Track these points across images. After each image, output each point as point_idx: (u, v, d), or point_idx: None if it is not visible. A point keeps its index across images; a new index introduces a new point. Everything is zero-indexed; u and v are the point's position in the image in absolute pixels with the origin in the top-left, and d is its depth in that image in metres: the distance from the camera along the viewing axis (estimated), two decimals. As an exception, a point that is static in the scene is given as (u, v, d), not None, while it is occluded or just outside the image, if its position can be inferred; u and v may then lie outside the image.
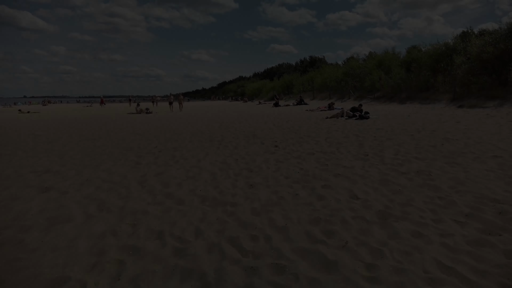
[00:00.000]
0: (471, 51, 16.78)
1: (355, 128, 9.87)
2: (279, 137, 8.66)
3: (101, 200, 3.71)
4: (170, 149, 7.35)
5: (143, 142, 8.49)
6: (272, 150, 6.74)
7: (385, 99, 21.59)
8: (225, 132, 10.12)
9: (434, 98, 17.42)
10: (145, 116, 19.98)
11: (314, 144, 7.32)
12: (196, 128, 11.60)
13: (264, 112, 20.27)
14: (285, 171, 4.81)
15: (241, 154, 6.35)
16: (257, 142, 7.93)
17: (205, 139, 8.70)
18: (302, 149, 6.73)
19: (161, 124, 13.73)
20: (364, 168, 4.88)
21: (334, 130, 9.53)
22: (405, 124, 10.17)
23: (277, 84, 48.78)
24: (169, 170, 5.14)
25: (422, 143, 6.84)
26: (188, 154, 6.56)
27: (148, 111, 23.57)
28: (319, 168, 4.99)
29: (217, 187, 4.11)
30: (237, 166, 5.33)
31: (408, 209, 3.19)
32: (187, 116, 18.50)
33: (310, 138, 8.13)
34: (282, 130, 10.08)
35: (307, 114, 16.62)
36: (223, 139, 8.58)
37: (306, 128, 10.46)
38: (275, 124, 12.01)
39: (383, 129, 9.33)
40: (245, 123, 12.90)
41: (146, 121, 15.72)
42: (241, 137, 8.98)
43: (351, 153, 6.07)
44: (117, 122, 15.82)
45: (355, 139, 7.77)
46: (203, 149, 7.12)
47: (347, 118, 12.82)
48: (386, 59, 25.81)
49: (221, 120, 14.78)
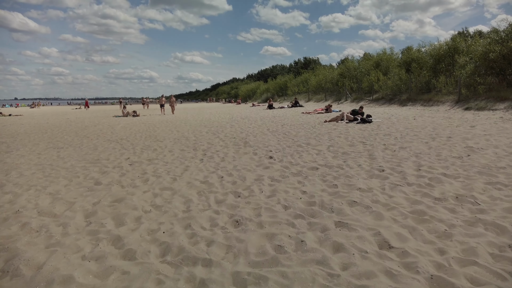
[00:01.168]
0: (476, 51, 15.88)
1: (359, 133, 8.79)
2: (274, 144, 7.53)
3: (15, 252, 2.52)
4: (144, 161, 6.15)
5: (116, 152, 7.28)
6: (266, 163, 5.59)
7: (384, 101, 20.62)
8: (213, 139, 8.95)
9: (437, 100, 16.47)
10: (130, 120, 18.69)
11: (316, 154, 6.20)
12: (182, 134, 10.41)
13: (257, 115, 19.14)
14: (283, 197, 3.66)
15: (228, 169, 5.19)
16: (249, 151, 6.78)
17: (188, 148, 7.52)
18: (302, 161, 5.60)
19: (145, 129, 12.51)
20: (386, 191, 3.76)
21: (336, 136, 8.43)
22: (414, 129, 9.12)
23: (271, 85, 47.67)
24: (132, 195, 3.95)
25: (443, 153, 5.77)
26: (163, 169, 5.38)
27: (135, 114, 22.27)
28: (327, 191, 3.85)
29: (189, 226, 2.95)
30: (221, 187, 4.17)
31: (475, 271, 2.07)
32: (176, 119, 17.28)
33: (310, 147, 7.01)
34: (277, 136, 8.95)
35: (303, 117, 15.53)
36: (209, 148, 7.41)
37: (304, 133, 9.34)
38: (269, 129, 10.88)
39: (391, 135, 8.26)
40: (236, 127, 11.74)
41: (129, 125, 14.46)
42: (230, 145, 7.82)
43: (362, 168, 4.95)
44: (98, 126, 14.54)
45: (362, 147, 6.67)
46: (183, 162, 5.95)
47: (348, 122, 11.76)
48: (383, 59, 24.89)
49: (211, 124, 13.61)
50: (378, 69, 24.22)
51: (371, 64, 25.80)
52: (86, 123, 16.34)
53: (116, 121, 17.76)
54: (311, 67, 52.33)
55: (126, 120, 18.04)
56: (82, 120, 18.71)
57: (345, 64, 30.26)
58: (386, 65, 24.01)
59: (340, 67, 31.90)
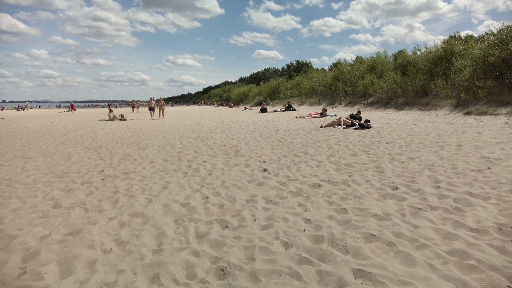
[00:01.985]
0: (473, 54, 15.47)
1: (359, 140, 8.12)
2: (268, 153, 6.79)
3: None
4: (120, 175, 5.35)
5: (90, 163, 6.46)
6: (260, 177, 4.85)
7: (379, 105, 20.12)
8: (201, 146, 8.18)
9: (435, 104, 15.99)
10: (116, 124, 17.77)
11: (316, 166, 5.49)
12: (167, 140, 9.61)
13: (250, 119, 18.42)
14: (282, 228, 2.92)
15: (215, 186, 4.43)
16: (240, 162, 6.03)
17: (172, 158, 6.74)
18: (301, 175, 4.88)
19: (129, 135, 11.65)
20: (407, 219, 3.06)
21: (335, 144, 7.75)
22: (417, 135, 8.49)
23: (264, 88, 46.99)
24: (93, 225, 3.17)
25: (459, 165, 5.11)
26: (138, 186, 4.59)
27: (122, 118, 21.33)
28: (336, 218, 3.13)
29: (157, 277, 2.17)
30: (205, 213, 3.41)
31: None
32: (163, 124, 16.43)
33: (309, 157, 6.30)
34: (271, 144, 8.22)
35: (297, 122, 14.86)
36: (196, 158, 6.64)
37: (300, 140, 8.64)
38: (262, 135, 10.15)
39: (394, 142, 7.61)
40: (227, 133, 10.99)
41: (113, 131, 13.57)
42: (220, 154, 7.06)
43: (372, 184, 4.25)
44: (80, 131, 13.61)
45: (366, 158, 5.99)
46: (163, 176, 5.16)
47: (345, 127, 11.11)
48: (378, 62, 24.47)
49: (200, 129, 12.82)
50: (373, 72, 23.77)
51: (365, 67, 25.36)
52: (68, 128, 15.39)
53: (101, 125, 16.83)
54: (304, 70, 51.95)
55: (111, 125, 17.12)
56: (66, 125, 17.71)
57: (338, 68, 29.80)
58: (380, 68, 23.58)
59: (334, 70, 31.43)
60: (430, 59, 18.29)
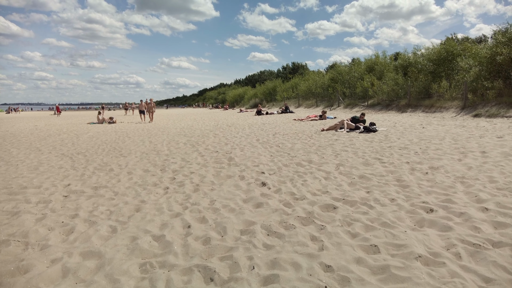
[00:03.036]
0: (479, 54, 14.76)
1: (367, 146, 7.26)
2: (267, 162, 5.89)
3: None
4: (88, 190, 4.41)
5: (59, 174, 5.50)
6: (258, 194, 3.94)
7: (381, 107, 19.34)
8: (190, 153, 7.26)
9: (440, 105, 15.23)
10: (104, 128, 16.76)
11: (324, 178, 4.60)
12: (154, 146, 8.67)
13: (245, 121, 17.52)
14: (292, 282, 2.01)
15: (201, 208, 3.51)
16: (234, 173, 5.11)
17: (155, 167, 5.80)
18: (309, 191, 3.98)
19: (114, 139, 10.68)
20: (466, 264, 2.17)
21: (342, 150, 6.88)
22: (430, 140, 7.65)
23: (259, 90, 46.13)
24: (23, 274, 2.23)
25: (496, 177, 4.26)
26: (105, 207, 3.65)
27: (111, 121, 20.30)
28: (367, 263, 2.23)
29: None
30: (183, 254, 2.49)
31: None
32: (153, 128, 15.47)
33: (314, 166, 5.40)
34: (269, 150, 7.33)
35: (296, 124, 13.98)
36: (182, 168, 5.71)
37: (302, 145, 7.76)
38: (259, 140, 9.25)
39: (408, 148, 6.76)
40: (221, 137, 10.08)
41: (98, 134, 12.58)
42: (211, 162, 6.14)
43: (400, 205, 3.37)
44: (63, 135, 12.61)
45: (382, 168, 5.11)
46: (139, 193, 4.23)
47: (349, 131, 10.26)
48: (378, 63, 23.75)
49: (192, 132, 11.89)
50: (372, 73, 23.04)
51: (363, 68, 24.63)
52: (51, 131, 14.35)
53: (87, 129, 15.80)
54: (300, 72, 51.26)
55: (99, 128, 16.10)
56: (50, 128, 16.66)
57: (336, 69, 29.06)
58: (380, 69, 22.86)
59: (331, 71, 30.66)
60: (432, 59, 17.56)
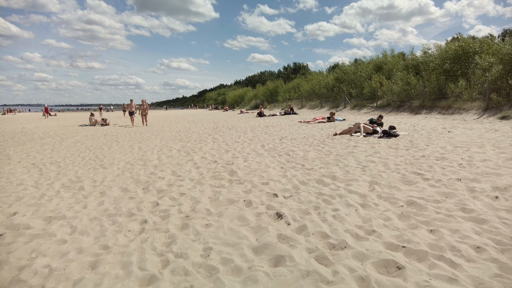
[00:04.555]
0: (503, 50, 13.55)
1: (396, 155, 6.03)
2: (278, 178, 4.67)
3: None
4: (38, 223, 3.18)
5: (10, 196, 4.27)
6: (274, 236, 2.71)
7: (391, 108, 18.12)
8: (184, 164, 6.04)
9: (458, 107, 14.02)
10: (95, 130, 15.55)
11: (361, 206, 3.37)
12: (143, 153, 7.44)
13: (247, 123, 16.30)
14: None
15: (188, 266, 2.27)
16: (238, 196, 3.88)
17: (137, 185, 4.57)
18: (348, 232, 2.75)
19: (100, 144, 9.47)
20: None
21: (368, 160, 5.65)
22: (467, 147, 6.42)
23: (260, 91, 44.89)
24: None
25: None
26: (49, 258, 2.42)
27: (104, 123, 19.10)
28: None
29: None
30: None
31: None
32: (147, 131, 14.26)
33: (341, 185, 4.17)
34: (278, 159, 6.10)
35: (303, 127, 12.76)
36: (171, 186, 4.48)
37: (316, 154, 6.54)
38: (264, 146, 8.03)
39: (446, 158, 5.53)
40: (220, 142, 8.86)
41: (85, 139, 11.37)
42: (208, 177, 4.92)
43: (495, 260, 2.15)
44: (45, 140, 11.41)
45: (432, 189, 3.88)
46: (103, 231, 2.99)
47: (366, 135, 9.04)
48: (386, 62, 22.54)
49: (189, 137, 10.67)
50: (380, 72, 21.84)
51: (371, 67, 23.43)
52: (36, 135, 13.13)
53: (76, 132, 14.58)
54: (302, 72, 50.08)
55: (89, 131, 14.88)
56: (37, 131, 15.44)
57: (341, 68, 27.86)
58: (389, 68, 21.65)
59: (336, 71, 29.45)
60: (448, 57, 16.35)
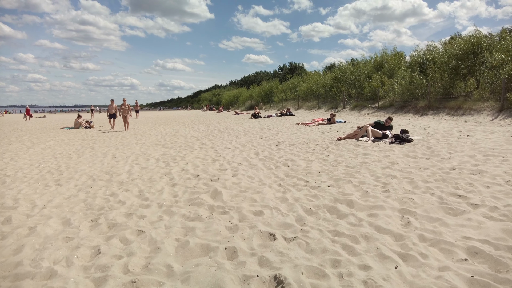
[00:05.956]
0: None
1: (417, 166, 4.87)
2: (276, 203, 3.49)
3: None
4: None
5: None
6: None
7: (394, 109, 17.05)
8: (157, 180, 4.83)
9: (469, 107, 12.97)
10: (75, 134, 14.26)
11: (400, 256, 2.21)
12: (114, 163, 6.22)
13: (241, 126, 15.11)
14: None
15: None
16: (216, 240, 2.68)
17: (85, 216, 3.36)
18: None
19: (71, 151, 8.22)
20: None
21: (386, 175, 4.50)
22: (502, 156, 5.30)
23: (255, 92, 43.64)
24: None
25: None
26: None
27: (88, 126, 17.81)
28: None
29: None
30: None
31: None
32: (130, 135, 13.01)
33: (362, 215, 3.00)
34: (275, 173, 4.92)
35: (301, 130, 11.60)
36: (129, 216, 3.28)
37: (321, 165, 5.36)
38: (258, 153, 6.85)
39: (482, 171, 4.39)
40: (208, 149, 7.66)
41: (58, 144, 10.11)
42: (182, 202, 3.73)
43: None
44: (10, 146, 10.14)
45: (491, 222, 2.72)
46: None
47: (375, 140, 7.91)
48: (387, 60, 21.49)
49: (174, 142, 9.46)
50: (381, 71, 20.79)
51: (371, 66, 22.38)
52: (8, 139, 11.82)
53: (53, 135, 13.28)
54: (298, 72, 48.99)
55: (68, 135, 13.58)
56: (11, 134, 14.10)
57: (339, 68, 26.79)
58: (390, 67, 20.61)
59: (334, 70, 28.37)
60: (455, 54, 15.32)
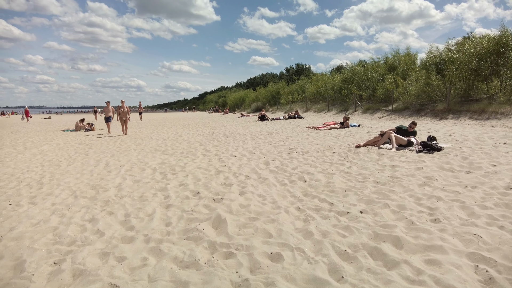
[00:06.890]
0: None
1: (461, 183, 3.97)
2: (297, 239, 2.65)
3: None
4: None
5: None
6: None
7: (410, 112, 16.08)
8: (149, 198, 4.02)
9: (494, 111, 11.98)
10: (73, 138, 13.60)
11: None
12: (106, 173, 5.44)
13: (247, 129, 14.29)
14: None
15: None
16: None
17: (32, 270, 2.57)
18: None
19: (62, 158, 7.49)
20: None
21: (431, 196, 3.62)
22: None
23: (261, 93, 42.79)
24: None
25: None
26: None
27: (89, 128, 17.17)
28: None
29: None
30: None
31: None
32: (130, 139, 12.28)
33: (418, 262, 2.13)
34: (291, 190, 4.07)
35: (313, 135, 10.74)
36: (103, 260, 2.47)
37: (345, 180, 4.51)
38: (269, 164, 6.01)
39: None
40: (212, 157, 6.85)
41: (51, 149, 9.41)
42: (174, 235, 2.91)
43: None
44: (3, 149, 9.48)
45: None
46: None
47: (399, 148, 7.03)
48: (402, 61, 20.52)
49: (175, 147, 8.68)
50: (395, 72, 19.84)
51: (384, 67, 21.43)
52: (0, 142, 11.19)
53: (51, 138, 12.62)
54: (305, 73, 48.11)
55: (65, 139, 12.91)
56: (6, 138, 13.48)
57: (350, 69, 25.85)
58: (403, 68, 19.65)
59: (344, 71, 27.45)
60: (477, 53, 14.31)
